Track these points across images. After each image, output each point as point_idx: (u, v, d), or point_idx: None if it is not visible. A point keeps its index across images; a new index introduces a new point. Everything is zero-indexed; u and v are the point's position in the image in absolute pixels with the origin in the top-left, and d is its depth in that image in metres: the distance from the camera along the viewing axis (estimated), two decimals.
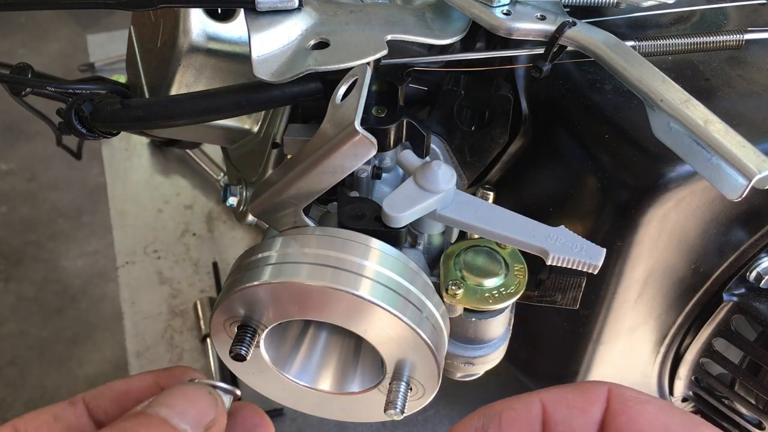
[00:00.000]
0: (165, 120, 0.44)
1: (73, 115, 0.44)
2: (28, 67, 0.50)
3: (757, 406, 0.57)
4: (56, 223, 1.79)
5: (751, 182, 0.37)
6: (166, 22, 0.52)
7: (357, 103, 0.37)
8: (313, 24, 0.44)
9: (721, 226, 0.50)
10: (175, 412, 0.29)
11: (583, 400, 0.25)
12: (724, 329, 0.55)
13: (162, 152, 1.07)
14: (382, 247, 0.40)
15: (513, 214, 0.41)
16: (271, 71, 0.42)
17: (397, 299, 0.38)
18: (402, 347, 0.40)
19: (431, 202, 0.41)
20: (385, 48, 0.42)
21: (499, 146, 0.52)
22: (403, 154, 0.44)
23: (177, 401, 0.29)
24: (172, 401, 0.29)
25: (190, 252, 0.94)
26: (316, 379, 0.46)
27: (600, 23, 0.46)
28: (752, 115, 0.47)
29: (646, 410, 0.24)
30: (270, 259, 0.39)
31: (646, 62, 0.43)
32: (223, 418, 0.31)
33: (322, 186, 0.40)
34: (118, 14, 0.50)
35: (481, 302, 0.43)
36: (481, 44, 0.51)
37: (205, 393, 0.31)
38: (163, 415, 0.28)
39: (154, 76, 0.54)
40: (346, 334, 0.43)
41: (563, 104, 0.50)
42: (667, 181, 0.45)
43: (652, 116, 0.42)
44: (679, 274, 0.53)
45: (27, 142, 1.95)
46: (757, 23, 0.54)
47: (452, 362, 0.48)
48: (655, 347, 0.59)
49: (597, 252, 0.39)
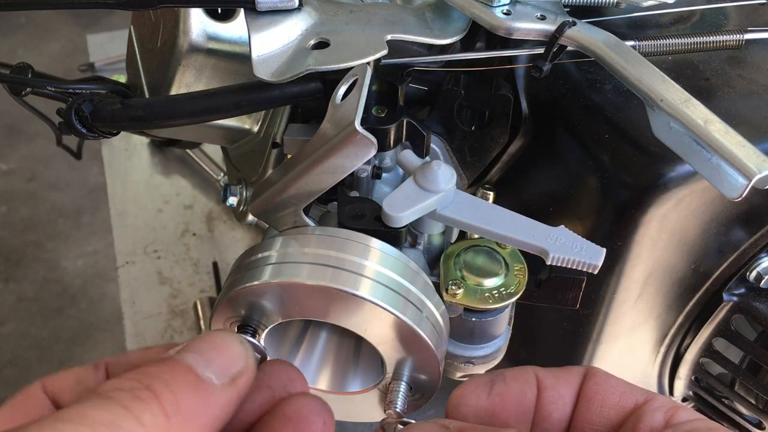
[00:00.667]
0: (165, 120, 0.44)
1: (73, 115, 0.44)
2: (28, 67, 0.50)
3: (757, 406, 0.57)
4: (56, 223, 1.79)
5: (751, 182, 0.37)
6: (166, 22, 0.52)
7: (357, 103, 0.37)
8: (313, 24, 0.44)
9: (721, 226, 0.50)
10: (202, 359, 0.28)
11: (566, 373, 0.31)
12: (724, 329, 0.55)
13: (162, 152, 1.06)
14: (382, 247, 0.40)
15: (513, 214, 0.41)
16: (271, 71, 0.42)
17: (397, 299, 0.38)
18: (402, 347, 0.40)
19: (431, 202, 0.41)
20: (385, 48, 0.42)
21: (499, 146, 0.52)
22: (403, 154, 0.44)
23: (204, 347, 0.28)
24: (199, 347, 0.28)
25: (190, 252, 0.94)
26: (316, 379, 0.46)
27: (600, 23, 0.46)
28: (752, 115, 0.47)
29: (612, 379, 0.31)
30: (270, 259, 0.39)
31: (646, 62, 0.43)
32: (251, 371, 0.29)
33: (322, 186, 0.40)
34: (118, 14, 0.50)
35: (481, 302, 0.43)
36: (481, 44, 0.51)
37: (236, 342, 0.29)
38: (189, 362, 0.27)
39: (154, 76, 0.54)
40: (346, 334, 0.43)
41: (563, 104, 0.50)
42: (667, 180, 0.45)
43: (652, 116, 0.42)
44: (679, 274, 0.53)
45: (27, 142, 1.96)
46: (757, 23, 0.54)
47: (452, 362, 0.48)
48: (655, 347, 0.59)
49: (597, 252, 0.39)
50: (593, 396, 0.31)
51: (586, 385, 0.31)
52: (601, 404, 0.30)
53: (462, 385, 0.32)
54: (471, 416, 0.31)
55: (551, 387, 0.31)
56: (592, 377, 0.31)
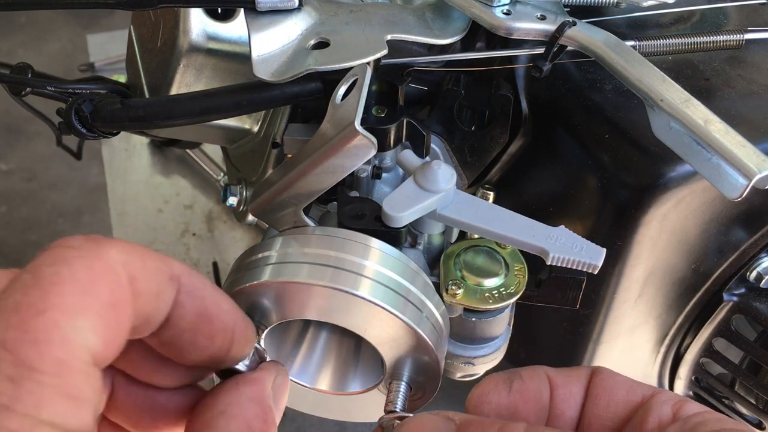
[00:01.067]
0: (165, 120, 0.44)
1: (73, 115, 0.44)
2: (28, 67, 0.50)
3: (757, 406, 0.57)
4: (56, 223, 1.79)
5: (751, 182, 0.37)
6: (166, 22, 0.52)
7: (357, 103, 0.37)
8: (313, 24, 0.44)
9: (721, 226, 0.50)
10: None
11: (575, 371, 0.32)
12: (724, 329, 0.55)
13: (162, 152, 1.06)
14: (382, 247, 0.40)
15: (513, 214, 0.41)
16: (271, 71, 0.42)
17: (397, 299, 0.38)
18: (402, 347, 0.40)
19: (431, 201, 0.41)
20: (385, 48, 0.42)
21: (499, 146, 0.52)
22: (403, 153, 0.44)
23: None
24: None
25: (190, 252, 0.94)
26: (316, 379, 0.46)
27: (600, 23, 0.46)
28: (752, 115, 0.47)
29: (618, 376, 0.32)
30: (270, 259, 0.39)
31: (646, 62, 0.43)
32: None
33: (322, 186, 0.40)
34: (118, 14, 0.50)
35: (481, 302, 0.43)
36: (481, 44, 0.51)
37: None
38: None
39: (154, 76, 0.54)
40: (346, 334, 0.43)
41: (563, 104, 0.50)
42: (667, 180, 0.45)
43: (652, 116, 0.42)
44: (679, 274, 0.53)
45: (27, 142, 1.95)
46: (757, 23, 0.54)
47: (452, 362, 0.48)
48: (656, 347, 0.59)
49: (597, 252, 0.39)
50: (601, 392, 0.31)
51: (594, 382, 0.32)
52: (608, 400, 0.31)
53: (481, 383, 0.32)
54: (493, 413, 0.31)
55: (562, 385, 0.32)
56: (599, 374, 0.32)
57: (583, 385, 0.32)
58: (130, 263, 0.26)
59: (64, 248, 0.25)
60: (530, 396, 0.31)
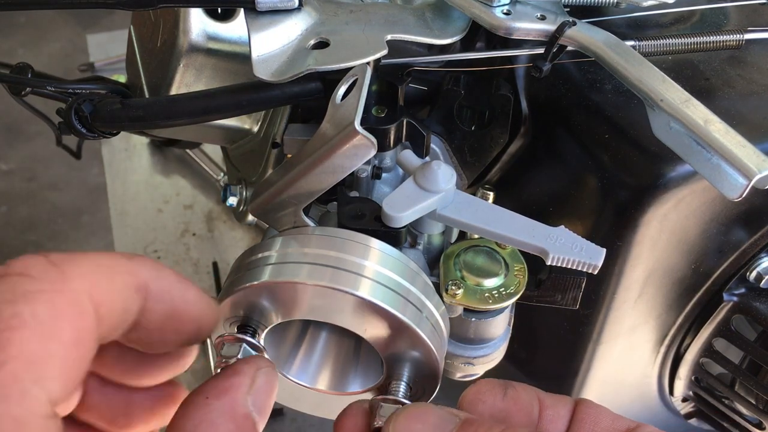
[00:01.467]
0: (165, 120, 0.44)
1: (73, 115, 0.44)
2: (28, 67, 0.50)
3: (757, 406, 0.57)
4: (56, 223, 1.78)
5: (751, 182, 0.37)
6: (166, 22, 0.52)
7: (357, 103, 0.37)
8: (313, 24, 0.44)
9: (721, 226, 0.50)
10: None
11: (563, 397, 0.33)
12: (724, 329, 0.55)
13: (162, 152, 1.07)
14: (382, 247, 0.40)
15: (513, 214, 0.41)
16: (271, 71, 0.42)
17: (397, 299, 0.38)
18: (402, 347, 0.40)
19: (431, 202, 0.41)
20: (385, 48, 0.42)
21: (499, 146, 0.52)
22: (403, 154, 0.44)
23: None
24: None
25: (190, 252, 0.94)
26: (316, 379, 0.46)
27: (600, 23, 0.46)
28: (752, 115, 0.47)
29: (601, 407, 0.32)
30: (270, 259, 0.39)
31: (646, 62, 0.43)
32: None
33: (322, 186, 0.40)
34: (118, 14, 0.50)
35: (481, 302, 0.43)
36: (481, 44, 0.51)
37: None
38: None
39: (154, 76, 0.54)
40: (345, 334, 0.43)
41: (563, 104, 0.50)
42: (667, 181, 0.45)
43: (652, 116, 0.42)
44: (679, 274, 0.53)
45: (27, 142, 1.95)
46: (757, 23, 0.54)
47: (452, 362, 0.48)
48: (655, 347, 0.59)
49: (597, 252, 0.39)
50: (586, 417, 0.32)
51: (579, 409, 0.32)
52: (594, 426, 0.32)
53: (476, 384, 0.33)
54: (486, 413, 0.32)
55: (551, 406, 0.32)
56: (584, 403, 0.33)
57: (570, 410, 0.32)
58: (96, 287, 0.25)
59: (26, 279, 0.24)
60: (522, 406, 0.32)
